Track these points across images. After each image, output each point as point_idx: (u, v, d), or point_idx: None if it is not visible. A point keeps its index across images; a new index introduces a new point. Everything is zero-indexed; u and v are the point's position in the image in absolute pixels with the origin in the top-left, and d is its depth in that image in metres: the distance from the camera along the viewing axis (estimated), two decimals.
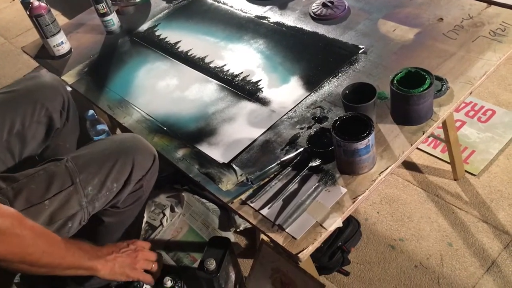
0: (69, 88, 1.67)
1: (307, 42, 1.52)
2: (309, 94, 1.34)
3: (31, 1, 1.60)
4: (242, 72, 1.48)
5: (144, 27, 1.80)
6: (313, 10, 1.62)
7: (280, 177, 1.13)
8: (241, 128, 1.30)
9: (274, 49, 1.53)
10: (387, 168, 1.10)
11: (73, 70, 1.65)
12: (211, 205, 1.69)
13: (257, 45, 1.56)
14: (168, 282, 1.37)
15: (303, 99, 1.33)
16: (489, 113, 1.89)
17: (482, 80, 1.24)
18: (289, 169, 1.15)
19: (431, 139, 1.85)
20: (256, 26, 1.65)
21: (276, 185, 1.12)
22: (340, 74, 1.37)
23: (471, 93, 1.24)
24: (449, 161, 1.71)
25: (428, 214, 1.63)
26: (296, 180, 1.12)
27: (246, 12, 1.73)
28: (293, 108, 1.31)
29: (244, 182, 1.15)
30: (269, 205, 1.08)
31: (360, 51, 1.43)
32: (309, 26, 1.58)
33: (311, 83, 1.37)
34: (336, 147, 1.08)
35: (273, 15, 1.68)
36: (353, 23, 1.54)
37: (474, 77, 1.25)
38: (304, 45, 1.52)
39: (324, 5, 1.61)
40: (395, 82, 1.15)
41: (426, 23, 1.45)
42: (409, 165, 1.79)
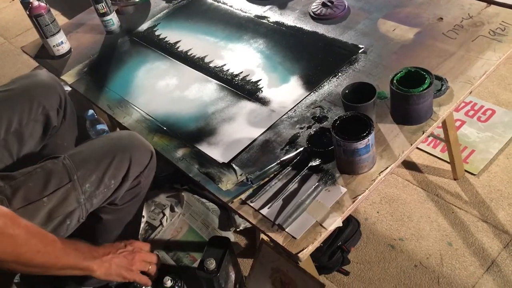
0: (68, 88, 1.68)
1: (307, 41, 1.52)
2: (309, 94, 1.34)
3: (31, 1, 1.60)
4: (242, 72, 1.48)
5: (144, 27, 1.80)
6: (313, 10, 1.61)
7: (280, 177, 1.13)
8: (241, 128, 1.30)
9: (273, 49, 1.53)
10: (387, 167, 1.10)
11: (73, 70, 1.65)
12: (211, 205, 1.69)
13: (257, 45, 1.56)
14: (168, 282, 1.37)
15: (303, 99, 1.33)
16: (489, 112, 1.89)
17: (482, 80, 1.24)
18: (289, 168, 1.15)
19: (431, 138, 1.85)
20: (256, 26, 1.65)
21: (276, 184, 1.12)
22: (340, 74, 1.37)
23: (471, 92, 1.24)
24: (449, 161, 1.71)
25: (428, 213, 1.63)
26: (296, 180, 1.12)
27: (245, 12, 1.73)
28: (293, 107, 1.31)
29: (244, 182, 1.15)
30: (269, 204, 1.08)
31: (360, 51, 1.43)
32: (309, 26, 1.58)
33: (311, 83, 1.37)
34: (336, 146, 1.08)
35: (272, 14, 1.68)
36: (352, 22, 1.54)
37: (474, 76, 1.25)
38: (303, 44, 1.52)
39: (323, 4, 1.61)
40: (395, 81, 1.15)
41: (426, 23, 1.45)
42: (409, 165, 1.79)
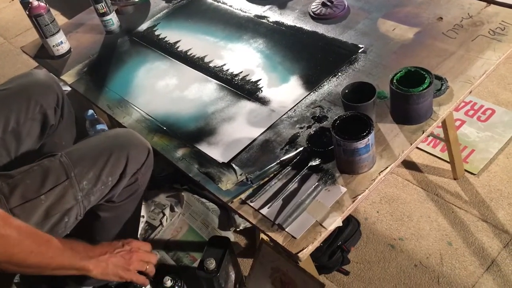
0: (67, 88, 1.68)
1: (307, 41, 1.52)
2: (309, 94, 1.34)
3: (31, 0, 1.60)
4: (242, 72, 1.48)
5: (144, 26, 1.80)
6: (313, 10, 1.61)
7: (280, 177, 1.13)
8: (240, 128, 1.30)
9: (273, 49, 1.53)
10: (387, 167, 1.10)
11: (73, 70, 1.65)
12: (211, 205, 1.69)
13: (257, 45, 1.56)
14: (168, 282, 1.37)
15: (303, 99, 1.33)
16: (489, 112, 1.89)
17: (481, 79, 1.24)
18: (289, 168, 1.15)
19: (430, 138, 1.85)
20: (256, 26, 1.65)
21: (276, 184, 1.12)
22: (339, 74, 1.37)
23: (470, 92, 1.24)
24: (448, 160, 1.71)
25: (427, 213, 1.63)
26: (296, 180, 1.12)
27: (245, 12, 1.73)
28: (292, 107, 1.31)
29: (243, 182, 1.15)
30: (269, 204, 1.08)
31: (359, 51, 1.43)
32: (309, 26, 1.58)
33: (311, 83, 1.37)
34: (335, 146, 1.08)
35: (272, 14, 1.68)
36: (352, 22, 1.54)
37: (473, 76, 1.25)
38: (303, 44, 1.52)
39: (323, 4, 1.61)
40: (394, 81, 1.15)
41: (425, 22, 1.45)
42: (409, 165, 1.79)
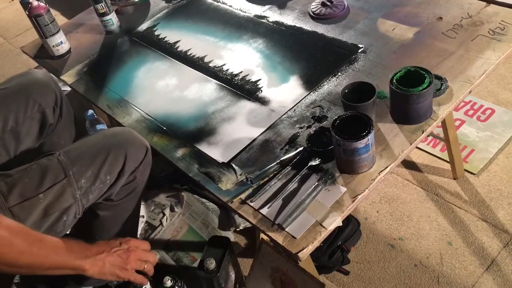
0: (67, 88, 1.68)
1: (306, 41, 1.52)
2: (309, 94, 1.34)
3: (30, 1, 1.60)
4: (242, 72, 1.48)
5: (143, 26, 1.80)
6: (312, 9, 1.61)
7: (279, 177, 1.13)
8: (240, 128, 1.30)
9: (273, 49, 1.53)
10: (387, 167, 1.10)
11: (73, 70, 1.65)
12: (211, 205, 1.69)
13: (257, 45, 1.56)
14: (168, 282, 1.37)
15: (303, 99, 1.33)
16: (489, 112, 1.89)
17: (481, 79, 1.24)
18: (289, 168, 1.15)
19: (430, 138, 1.85)
20: (255, 26, 1.65)
21: (275, 184, 1.12)
22: (339, 73, 1.37)
23: (470, 92, 1.24)
24: (448, 160, 1.71)
25: (427, 213, 1.63)
26: (296, 179, 1.12)
27: (245, 12, 1.73)
28: (292, 107, 1.31)
29: (243, 182, 1.15)
30: (269, 204, 1.08)
31: (359, 50, 1.43)
32: (308, 26, 1.58)
33: (311, 82, 1.37)
34: (335, 146, 1.08)
35: (272, 14, 1.68)
36: (352, 22, 1.54)
37: (473, 76, 1.25)
38: (303, 44, 1.52)
39: (323, 4, 1.61)
40: (394, 81, 1.15)
41: (425, 22, 1.45)
42: (409, 164, 1.79)
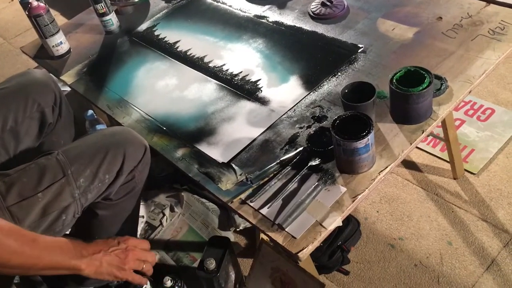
0: (67, 88, 1.68)
1: (306, 41, 1.52)
2: (309, 94, 1.34)
3: (30, 1, 1.60)
4: (241, 72, 1.48)
5: (143, 27, 1.80)
6: (312, 9, 1.61)
7: (279, 177, 1.13)
8: (240, 128, 1.30)
9: (273, 49, 1.53)
10: (387, 167, 1.10)
11: (72, 70, 1.65)
12: (211, 205, 1.69)
13: (256, 45, 1.56)
14: (168, 282, 1.37)
15: (303, 99, 1.33)
16: (488, 112, 1.89)
17: (481, 79, 1.24)
18: (289, 168, 1.15)
19: (430, 138, 1.85)
20: (255, 26, 1.65)
21: (275, 184, 1.12)
22: (339, 73, 1.37)
23: (470, 91, 1.24)
24: (448, 160, 1.71)
25: (427, 213, 1.63)
26: (296, 180, 1.12)
27: (245, 12, 1.73)
28: (292, 107, 1.31)
29: (243, 182, 1.15)
30: (269, 204, 1.08)
31: (359, 50, 1.43)
32: (308, 25, 1.58)
33: (311, 82, 1.37)
34: (335, 146, 1.08)
35: (272, 14, 1.68)
36: (352, 22, 1.54)
37: (473, 76, 1.25)
38: (303, 44, 1.52)
39: (323, 4, 1.61)
40: (394, 81, 1.15)
41: (425, 22, 1.45)
42: (409, 164, 1.79)
